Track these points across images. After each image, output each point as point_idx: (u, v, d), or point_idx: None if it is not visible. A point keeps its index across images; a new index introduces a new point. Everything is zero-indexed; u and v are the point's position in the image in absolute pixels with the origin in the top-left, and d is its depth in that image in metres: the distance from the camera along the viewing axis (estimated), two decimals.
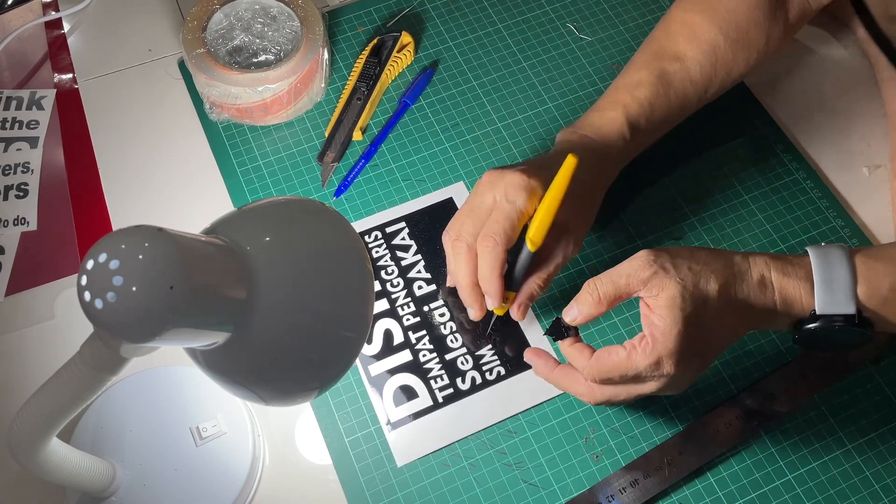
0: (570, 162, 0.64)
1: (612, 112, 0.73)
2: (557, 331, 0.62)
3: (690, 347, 0.58)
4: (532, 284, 0.68)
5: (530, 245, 0.65)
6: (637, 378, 0.59)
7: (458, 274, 0.67)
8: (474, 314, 0.69)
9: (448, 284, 0.72)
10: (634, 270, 0.59)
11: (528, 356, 0.67)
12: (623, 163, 0.75)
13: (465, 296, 0.68)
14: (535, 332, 0.73)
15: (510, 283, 0.67)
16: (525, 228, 0.66)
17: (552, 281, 0.69)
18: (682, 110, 0.76)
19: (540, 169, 0.68)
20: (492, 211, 0.66)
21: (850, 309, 0.59)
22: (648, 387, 0.60)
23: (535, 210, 0.65)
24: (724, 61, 0.75)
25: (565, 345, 0.62)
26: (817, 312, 0.59)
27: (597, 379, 0.60)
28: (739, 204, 0.79)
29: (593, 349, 0.61)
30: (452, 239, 0.68)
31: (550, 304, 0.74)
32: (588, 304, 0.60)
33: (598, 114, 0.74)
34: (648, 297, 0.58)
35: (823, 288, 0.59)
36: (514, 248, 0.66)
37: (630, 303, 0.72)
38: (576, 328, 0.62)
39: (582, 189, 0.68)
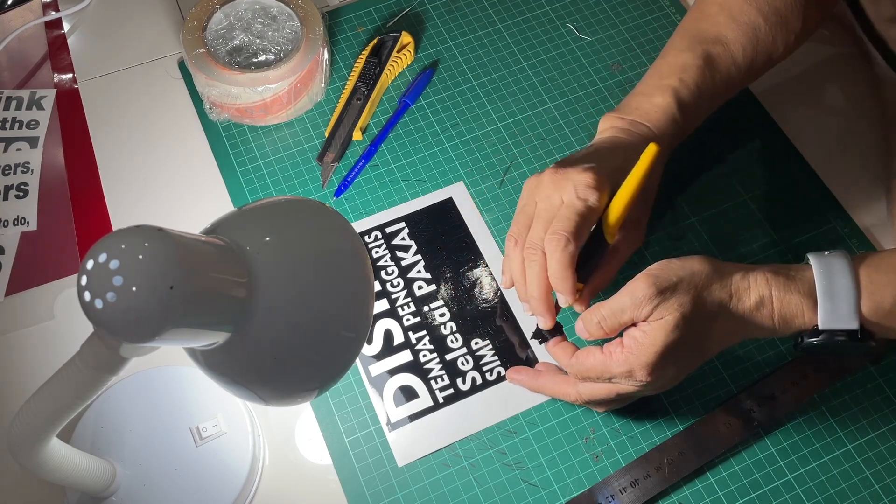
0: (651, 151, 0.62)
1: (662, 97, 0.71)
2: (542, 334, 0.65)
3: (668, 362, 0.58)
4: (601, 279, 0.67)
5: (609, 238, 0.64)
6: (612, 380, 0.60)
7: (531, 284, 0.64)
8: (546, 323, 0.65)
9: (505, 287, 0.69)
10: (636, 306, 0.58)
11: (510, 377, 0.69)
12: (673, 147, 0.74)
13: (538, 305, 0.65)
14: (528, 321, 0.73)
15: (581, 276, 0.64)
16: (595, 226, 0.65)
17: (618, 272, 0.68)
18: (727, 94, 0.75)
19: (602, 161, 0.66)
20: (561, 209, 0.63)
21: (853, 324, 0.59)
22: (625, 388, 0.60)
23: (605, 207, 0.64)
24: (765, 44, 0.74)
25: (550, 345, 0.64)
26: (820, 328, 0.59)
27: (578, 376, 0.62)
28: (739, 204, 0.79)
29: (577, 347, 0.63)
30: (525, 247, 0.64)
31: None
32: (591, 334, 0.61)
33: (646, 98, 0.72)
34: (644, 323, 0.59)
35: (826, 304, 0.59)
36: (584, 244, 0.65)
37: None
38: (560, 328, 0.65)
39: (645, 184, 0.67)
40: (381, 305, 0.74)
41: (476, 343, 0.72)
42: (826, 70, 0.88)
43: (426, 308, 0.74)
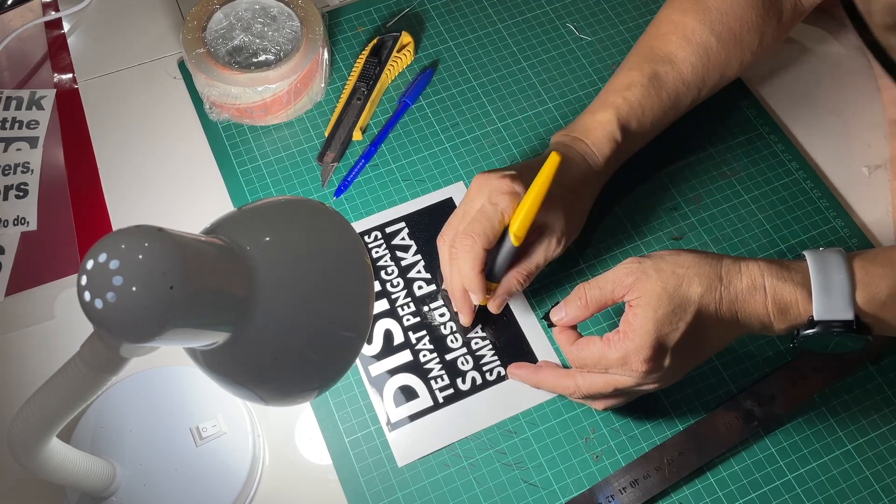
0: (552, 160, 0.64)
1: (603, 114, 0.73)
2: (549, 318, 0.66)
3: (662, 346, 0.59)
4: (511, 279, 0.69)
5: (514, 239, 0.66)
6: (609, 370, 0.61)
7: (453, 281, 0.69)
8: (464, 320, 0.72)
9: (444, 287, 0.73)
10: (619, 277, 0.61)
11: (510, 372, 0.70)
12: (615, 166, 0.75)
13: (456, 300, 0.70)
14: (530, 325, 0.73)
15: (492, 276, 0.69)
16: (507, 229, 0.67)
17: (532, 278, 0.70)
18: (674, 112, 0.76)
19: (528, 171, 0.68)
20: (477, 213, 0.67)
21: (848, 315, 0.59)
22: (623, 381, 0.61)
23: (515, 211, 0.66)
24: (717, 62, 0.75)
25: (556, 331, 0.65)
26: (815, 318, 0.59)
27: (576, 363, 0.63)
28: (739, 204, 0.79)
29: (580, 335, 0.64)
30: (448, 244, 0.69)
31: (548, 301, 0.74)
32: (575, 308, 0.63)
33: (590, 116, 0.74)
34: (631, 299, 0.60)
35: (821, 294, 0.59)
36: (497, 246, 0.67)
37: None
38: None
39: (569, 192, 0.69)
40: (381, 305, 0.74)
41: (476, 343, 0.72)
42: (826, 70, 0.88)
43: (426, 308, 0.74)
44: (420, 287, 0.75)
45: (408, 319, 0.74)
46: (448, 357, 0.72)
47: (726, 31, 0.75)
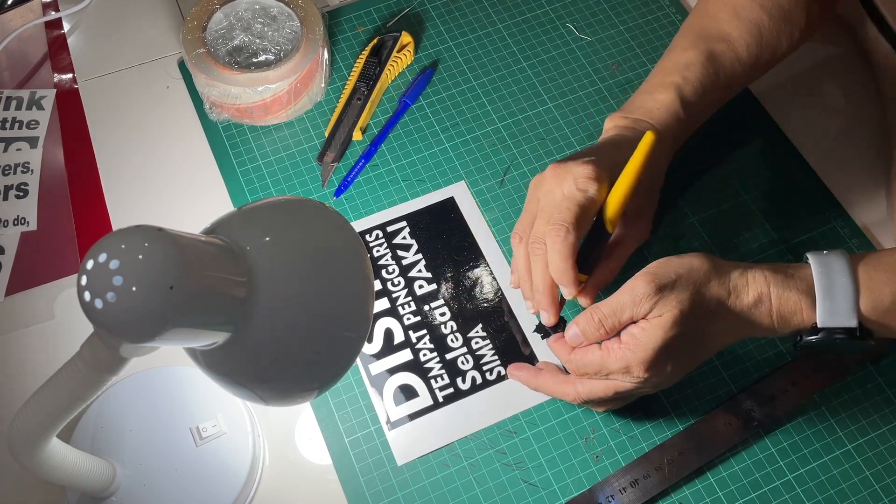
0: (648, 139, 0.62)
1: (665, 94, 0.72)
2: (544, 329, 0.65)
3: (665, 358, 0.58)
4: (605, 271, 0.67)
5: (609, 226, 0.63)
6: (610, 376, 0.60)
7: (536, 277, 0.65)
8: (549, 319, 0.66)
9: (512, 286, 0.69)
10: (636, 304, 0.58)
11: (510, 373, 0.70)
12: (678, 145, 0.74)
13: (541, 299, 0.65)
14: (530, 325, 0.73)
15: (583, 267, 0.64)
16: (596, 217, 0.65)
17: (623, 264, 0.68)
18: (730, 91, 0.75)
19: (602, 156, 0.66)
20: (562, 201, 0.63)
21: (852, 322, 0.59)
22: (623, 385, 0.60)
23: (604, 199, 0.64)
24: (769, 40, 0.74)
25: (551, 340, 0.65)
26: (819, 326, 0.59)
27: (576, 372, 0.62)
28: (739, 204, 0.79)
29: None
30: (530, 242, 0.65)
31: None
32: (594, 336, 0.61)
33: (650, 97, 0.72)
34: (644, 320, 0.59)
35: (825, 301, 0.59)
36: (587, 236, 0.65)
37: None
38: (564, 323, 0.65)
39: (650, 176, 0.68)
40: (382, 304, 0.74)
41: (476, 342, 0.72)
42: (826, 70, 0.88)
43: (427, 307, 0.74)
44: (421, 286, 0.75)
45: (408, 318, 0.74)
46: (448, 356, 0.72)
47: (776, 8, 0.74)
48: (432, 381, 0.71)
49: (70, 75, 0.89)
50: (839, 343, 0.60)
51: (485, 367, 0.71)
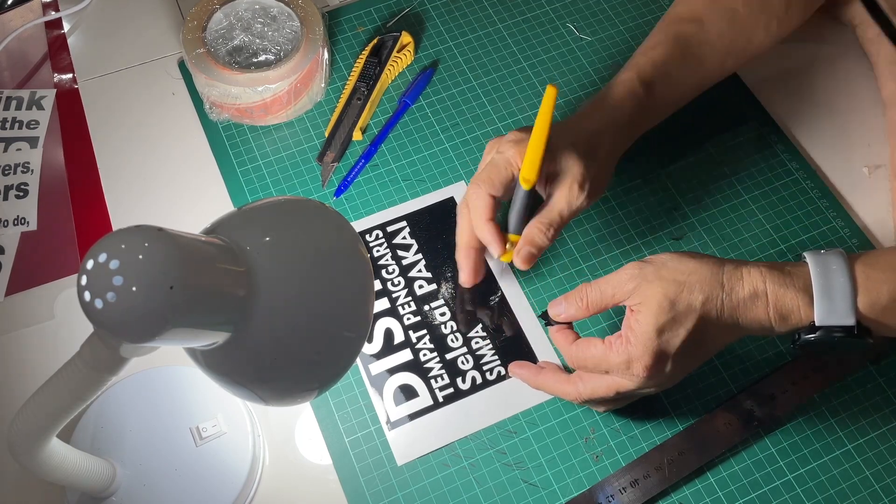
0: (549, 92, 0.64)
1: (625, 73, 0.73)
2: (548, 317, 0.65)
3: (664, 353, 0.59)
4: (533, 229, 0.67)
5: (523, 183, 0.65)
6: (610, 373, 0.60)
7: (458, 235, 0.69)
8: (463, 277, 0.70)
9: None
10: (621, 281, 0.61)
11: (512, 371, 0.70)
12: (640, 124, 0.74)
13: (459, 255, 0.70)
14: (530, 324, 0.73)
15: (512, 228, 0.68)
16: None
17: (558, 229, 0.67)
18: (701, 75, 0.76)
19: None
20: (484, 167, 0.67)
21: (849, 320, 0.59)
22: (624, 384, 0.60)
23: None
24: (744, 27, 0.75)
25: (553, 330, 0.65)
26: (816, 324, 0.59)
27: (576, 365, 0.62)
28: (739, 204, 0.79)
29: (578, 335, 0.63)
30: (459, 205, 0.70)
31: (548, 300, 0.74)
32: (574, 307, 0.63)
33: (614, 79, 0.74)
34: (632, 304, 0.60)
35: (823, 299, 0.59)
36: (513, 197, 0.67)
37: None
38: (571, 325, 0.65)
39: (586, 139, 0.68)
40: (382, 304, 0.74)
41: (476, 342, 0.72)
42: (826, 69, 0.88)
43: (427, 307, 0.74)
44: (421, 286, 0.75)
45: (408, 318, 0.74)
46: (448, 356, 0.72)
47: None
48: (432, 381, 0.71)
49: (70, 75, 0.89)
50: (837, 341, 0.60)
51: (485, 367, 0.71)
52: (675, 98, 0.76)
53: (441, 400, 0.70)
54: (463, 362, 0.72)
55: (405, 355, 0.72)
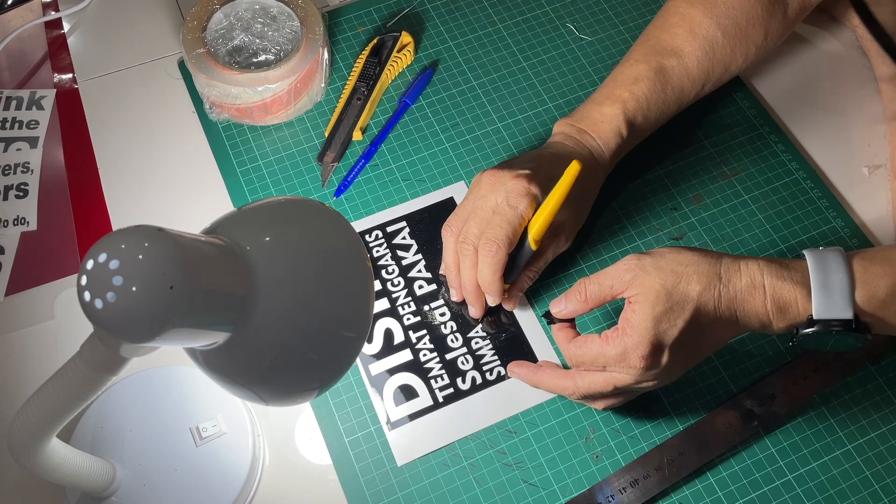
0: (573, 169, 0.64)
1: (610, 108, 0.74)
2: (551, 315, 0.66)
3: (661, 343, 0.59)
4: (524, 278, 0.71)
5: (533, 245, 0.67)
6: (607, 367, 0.61)
7: (464, 276, 0.70)
8: (476, 312, 0.72)
9: (441, 272, 0.74)
10: (619, 273, 0.61)
11: (511, 370, 0.70)
12: (617, 160, 0.76)
13: (469, 296, 0.71)
14: (530, 324, 0.73)
15: (507, 276, 0.69)
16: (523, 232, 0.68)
17: (540, 272, 0.72)
18: (677, 106, 0.77)
19: (538, 168, 0.69)
20: (494, 213, 0.67)
21: (847, 314, 0.59)
22: (622, 378, 0.61)
23: (534, 214, 0.67)
24: (722, 57, 0.76)
25: (555, 328, 0.65)
26: (814, 317, 0.59)
27: (574, 362, 0.63)
28: (739, 204, 0.79)
29: (578, 333, 0.64)
30: (459, 240, 0.69)
31: (548, 300, 0.74)
32: (574, 302, 0.63)
33: (596, 108, 0.75)
34: (629, 296, 0.60)
35: (820, 293, 0.59)
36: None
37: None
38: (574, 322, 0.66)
39: (579, 190, 0.69)
40: (382, 304, 0.74)
41: (476, 342, 0.72)
42: (826, 69, 0.88)
43: (426, 307, 0.74)
44: (421, 286, 0.75)
45: (408, 319, 0.74)
46: (448, 356, 0.72)
47: (732, 26, 0.75)
48: (432, 381, 0.71)
49: (70, 75, 0.89)
50: (836, 336, 0.60)
51: (485, 367, 0.71)
52: (651, 130, 0.77)
53: (441, 400, 0.70)
54: (463, 362, 0.72)
55: (405, 355, 0.72)
